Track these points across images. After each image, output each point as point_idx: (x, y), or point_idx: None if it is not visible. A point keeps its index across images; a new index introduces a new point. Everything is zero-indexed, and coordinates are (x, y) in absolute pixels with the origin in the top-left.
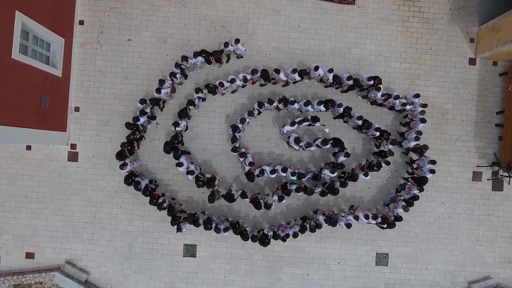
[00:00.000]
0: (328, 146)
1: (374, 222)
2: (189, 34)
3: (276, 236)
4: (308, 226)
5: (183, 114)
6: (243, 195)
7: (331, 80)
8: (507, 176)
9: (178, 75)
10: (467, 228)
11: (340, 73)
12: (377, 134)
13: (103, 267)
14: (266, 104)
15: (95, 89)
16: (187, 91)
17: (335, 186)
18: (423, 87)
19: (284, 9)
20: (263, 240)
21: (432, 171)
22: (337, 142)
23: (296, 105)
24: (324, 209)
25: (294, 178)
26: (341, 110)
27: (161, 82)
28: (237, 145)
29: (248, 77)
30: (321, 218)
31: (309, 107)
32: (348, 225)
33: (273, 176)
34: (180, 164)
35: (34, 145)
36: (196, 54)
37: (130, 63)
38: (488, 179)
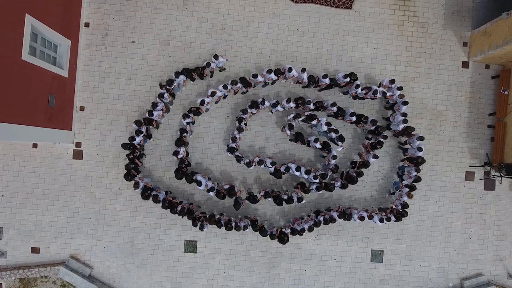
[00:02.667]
0: (290, 132)
1: (388, 222)
2: (191, 37)
3: (294, 232)
4: (322, 219)
5: (180, 142)
6: (266, 195)
7: (306, 80)
8: (498, 176)
9: (165, 95)
10: (460, 226)
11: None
12: (353, 119)
13: (106, 262)
14: (244, 116)
15: (100, 89)
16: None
17: (353, 176)
18: (417, 89)
19: (283, 13)
20: (282, 238)
21: (420, 149)
22: (298, 135)
23: (267, 103)
24: (332, 206)
25: (317, 180)
26: (312, 106)
27: (154, 105)
28: (247, 161)
29: (229, 87)
30: (334, 214)
31: (279, 107)
32: (361, 218)
33: (298, 173)
34: (199, 183)
35: (40, 143)
36: (177, 74)
37: (133, 65)
38: (480, 179)
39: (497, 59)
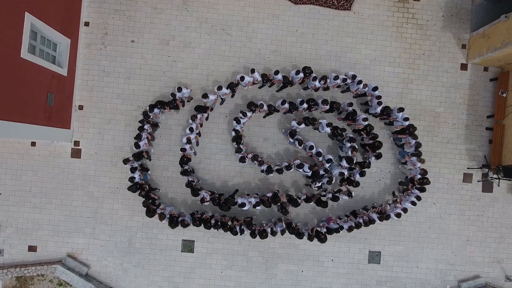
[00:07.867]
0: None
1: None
2: (191, 37)
3: (330, 231)
4: (362, 221)
5: (196, 192)
6: (308, 200)
7: (260, 79)
8: (496, 178)
9: (146, 126)
10: (458, 228)
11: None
12: (305, 106)
13: (103, 261)
14: (242, 153)
15: (99, 88)
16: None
17: (370, 143)
18: (416, 91)
19: (282, 14)
20: (320, 238)
21: (406, 119)
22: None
23: (239, 127)
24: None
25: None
26: (265, 107)
27: (138, 137)
28: (285, 164)
29: (194, 126)
30: (374, 216)
31: (242, 120)
32: (398, 215)
33: (339, 170)
34: (242, 205)
35: (39, 141)
36: (152, 107)
37: (133, 64)
38: (478, 181)
39: (496, 61)
